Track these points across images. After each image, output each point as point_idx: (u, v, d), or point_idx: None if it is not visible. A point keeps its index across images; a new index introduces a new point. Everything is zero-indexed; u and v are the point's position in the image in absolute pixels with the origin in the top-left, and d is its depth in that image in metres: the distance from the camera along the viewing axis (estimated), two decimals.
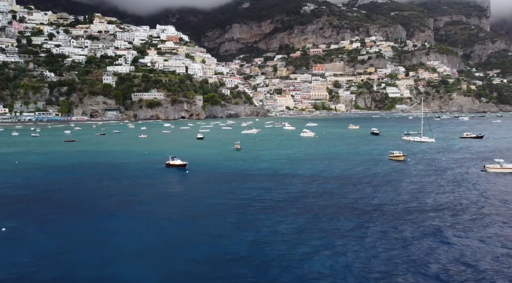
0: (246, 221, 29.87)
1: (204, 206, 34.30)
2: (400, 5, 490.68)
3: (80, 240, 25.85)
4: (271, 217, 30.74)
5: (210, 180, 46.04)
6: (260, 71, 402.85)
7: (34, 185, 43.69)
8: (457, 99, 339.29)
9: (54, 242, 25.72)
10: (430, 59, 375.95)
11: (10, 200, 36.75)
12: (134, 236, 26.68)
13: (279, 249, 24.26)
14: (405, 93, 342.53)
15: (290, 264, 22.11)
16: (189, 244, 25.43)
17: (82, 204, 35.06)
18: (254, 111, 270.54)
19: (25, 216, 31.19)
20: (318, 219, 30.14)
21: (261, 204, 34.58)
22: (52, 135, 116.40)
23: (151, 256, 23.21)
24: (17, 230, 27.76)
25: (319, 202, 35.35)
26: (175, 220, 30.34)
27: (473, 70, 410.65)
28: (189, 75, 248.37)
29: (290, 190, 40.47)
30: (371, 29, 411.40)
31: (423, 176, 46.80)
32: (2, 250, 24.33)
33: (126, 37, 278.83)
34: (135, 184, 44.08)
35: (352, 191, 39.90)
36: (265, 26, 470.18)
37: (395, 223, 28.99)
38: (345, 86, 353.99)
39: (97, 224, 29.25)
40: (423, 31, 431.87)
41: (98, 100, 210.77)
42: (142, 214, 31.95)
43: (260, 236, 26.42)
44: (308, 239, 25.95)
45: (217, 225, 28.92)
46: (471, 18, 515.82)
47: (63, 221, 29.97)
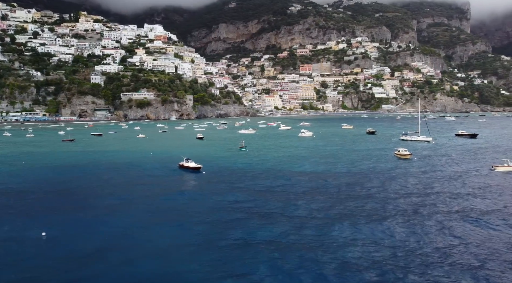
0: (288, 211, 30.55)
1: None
2: (384, 6, 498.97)
3: (130, 241, 26.02)
4: (310, 205, 31.50)
5: (233, 180, 46.37)
6: (248, 71, 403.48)
7: (54, 185, 43.26)
8: (441, 99, 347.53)
9: (102, 242, 25.79)
10: (414, 60, 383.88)
11: (40, 202, 36.42)
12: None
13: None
14: (390, 93, 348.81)
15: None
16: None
17: (122, 206, 35.03)
18: (244, 111, 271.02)
19: (63, 217, 31.08)
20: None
21: (300, 196, 35.28)
22: (47, 135, 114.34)
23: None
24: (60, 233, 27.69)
25: (345, 193, 36.28)
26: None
27: (455, 71, 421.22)
28: (179, 75, 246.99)
29: (312, 185, 41.32)
30: (356, 30, 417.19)
31: (433, 176, 47.86)
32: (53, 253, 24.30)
33: (114, 36, 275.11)
34: (162, 186, 44.09)
35: (369, 184, 40.99)
36: (251, 26, 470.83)
37: (415, 221, 30.04)
38: (332, 86, 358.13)
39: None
40: (407, 33, 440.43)
41: (87, 100, 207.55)
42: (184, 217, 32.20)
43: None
44: (350, 223, 26.81)
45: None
46: (452, 20, 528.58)
47: (108, 222, 29.99)
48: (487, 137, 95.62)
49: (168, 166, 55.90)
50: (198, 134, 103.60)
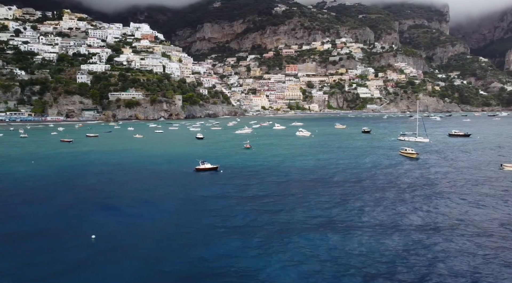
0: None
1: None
2: (367, 8, 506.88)
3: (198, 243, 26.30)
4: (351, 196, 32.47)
5: (254, 177, 46.90)
6: (233, 71, 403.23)
7: (76, 186, 42.84)
8: (424, 99, 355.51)
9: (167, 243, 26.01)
10: (397, 61, 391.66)
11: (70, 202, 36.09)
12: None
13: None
14: (375, 93, 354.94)
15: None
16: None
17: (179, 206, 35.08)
18: (232, 111, 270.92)
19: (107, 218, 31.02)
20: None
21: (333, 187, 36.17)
22: (41, 136, 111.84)
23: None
24: (108, 235, 27.70)
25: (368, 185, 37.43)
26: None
27: (436, 72, 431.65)
28: (167, 75, 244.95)
29: (337, 178, 42.33)
30: (341, 31, 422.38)
31: (444, 175, 49.17)
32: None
33: (99, 34, 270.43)
34: (194, 184, 44.21)
35: (381, 179, 42.29)
36: (237, 26, 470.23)
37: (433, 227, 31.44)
38: (318, 86, 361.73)
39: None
40: (390, 34, 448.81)
41: (74, 100, 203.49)
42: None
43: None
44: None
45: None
46: (432, 22, 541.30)
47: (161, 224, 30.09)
48: (480, 137, 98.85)
49: (185, 165, 55.83)
50: (198, 134, 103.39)
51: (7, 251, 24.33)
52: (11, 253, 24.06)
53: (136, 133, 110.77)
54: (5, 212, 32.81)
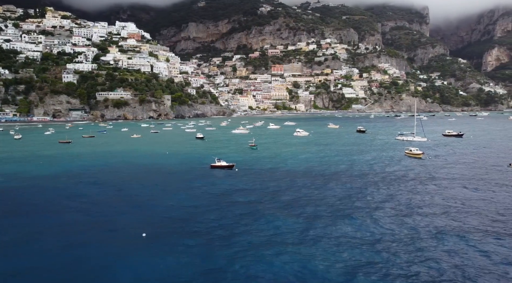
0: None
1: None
2: (351, 9, 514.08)
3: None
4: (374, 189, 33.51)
5: (269, 175, 47.42)
6: (219, 71, 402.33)
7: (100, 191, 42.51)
8: (407, 99, 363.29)
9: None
10: (381, 61, 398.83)
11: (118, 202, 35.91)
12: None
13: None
14: (360, 93, 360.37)
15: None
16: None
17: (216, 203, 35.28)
18: (221, 111, 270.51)
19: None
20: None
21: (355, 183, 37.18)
22: (35, 136, 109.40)
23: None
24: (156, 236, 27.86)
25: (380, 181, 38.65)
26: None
27: (418, 73, 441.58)
28: (155, 74, 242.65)
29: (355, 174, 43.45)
30: (325, 32, 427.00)
31: (454, 175, 50.11)
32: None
33: (84, 33, 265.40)
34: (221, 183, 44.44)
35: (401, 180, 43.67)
36: (222, 25, 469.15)
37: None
38: (304, 86, 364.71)
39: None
40: (373, 35, 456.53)
41: (61, 99, 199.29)
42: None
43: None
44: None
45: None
46: (413, 24, 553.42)
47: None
48: (473, 137, 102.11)
49: (199, 167, 55.95)
50: (198, 134, 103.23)
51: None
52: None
53: (133, 134, 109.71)
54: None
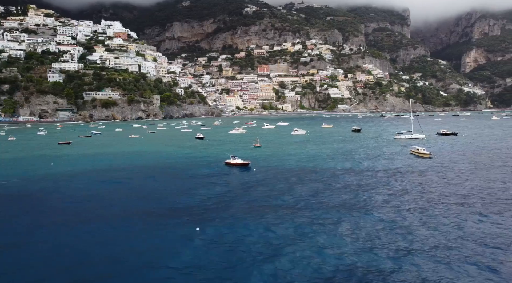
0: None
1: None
2: (334, 10, 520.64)
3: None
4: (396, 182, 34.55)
5: (288, 173, 47.98)
6: (205, 71, 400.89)
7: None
8: (391, 99, 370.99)
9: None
10: (365, 62, 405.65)
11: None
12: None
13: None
14: (345, 94, 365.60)
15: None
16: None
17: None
18: (209, 111, 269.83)
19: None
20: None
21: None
22: (29, 137, 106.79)
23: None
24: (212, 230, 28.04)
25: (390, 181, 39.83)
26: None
27: (400, 74, 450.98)
28: (143, 74, 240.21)
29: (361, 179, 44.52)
30: (311, 33, 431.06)
31: (466, 175, 51.52)
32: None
33: (69, 32, 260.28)
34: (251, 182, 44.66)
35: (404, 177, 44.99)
36: (207, 25, 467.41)
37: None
38: (290, 87, 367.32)
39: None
40: (357, 36, 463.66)
41: (47, 99, 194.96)
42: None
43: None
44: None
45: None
46: (394, 26, 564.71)
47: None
48: (466, 135, 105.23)
49: (214, 165, 56.01)
50: (198, 134, 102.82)
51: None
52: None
53: (131, 134, 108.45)
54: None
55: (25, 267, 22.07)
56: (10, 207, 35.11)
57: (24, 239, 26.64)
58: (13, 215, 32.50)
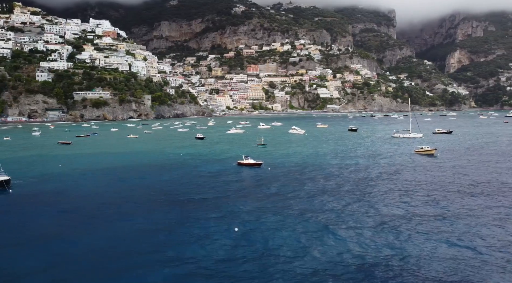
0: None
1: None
2: (322, 11, 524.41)
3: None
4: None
5: (303, 171, 48.58)
6: (194, 70, 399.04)
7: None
8: (378, 99, 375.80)
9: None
10: (353, 62, 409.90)
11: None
12: None
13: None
14: (334, 94, 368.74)
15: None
16: None
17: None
18: (200, 111, 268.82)
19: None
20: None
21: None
22: (24, 137, 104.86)
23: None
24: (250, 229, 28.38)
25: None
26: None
27: (387, 74, 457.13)
28: (133, 74, 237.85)
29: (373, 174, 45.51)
30: (299, 33, 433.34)
31: (477, 172, 52.72)
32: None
33: (56, 30, 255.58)
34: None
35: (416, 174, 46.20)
36: (195, 25, 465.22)
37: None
38: (280, 86, 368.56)
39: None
40: (345, 37, 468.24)
41: (37, 99, 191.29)
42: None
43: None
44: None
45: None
46: (381, 27, 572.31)
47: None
48: (461, 134, 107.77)
49: (227, 166, 56.18)
50: (198, 134, 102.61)
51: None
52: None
53: (130, 134, 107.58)
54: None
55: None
56: (46, 204, 34.81)
57: (91, 230, 27.22)
58: (59, 211, 32.54)
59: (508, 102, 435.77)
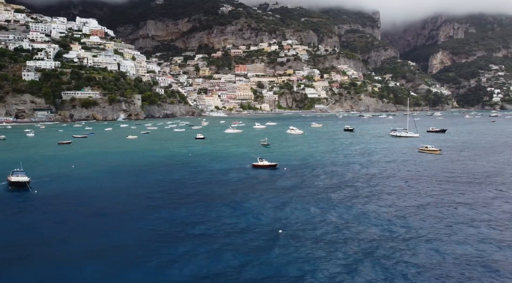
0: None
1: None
2: (309, 11, 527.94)
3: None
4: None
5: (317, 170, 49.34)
6: (181, 70, 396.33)
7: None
8: (365, 100, 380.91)
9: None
10: (340, 63, 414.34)
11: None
12: None
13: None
14: (322, 94, 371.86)
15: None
16: None
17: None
18: (190, 111, 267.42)
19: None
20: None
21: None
22: (18, 139, 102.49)
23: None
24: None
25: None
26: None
27: (373, 74, 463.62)
28: (122, 73, 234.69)
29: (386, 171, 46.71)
30: (286, 33, 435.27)
31: (487, 170, 54.91)
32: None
33: (42, 28, 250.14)
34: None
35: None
36: (182, 24, 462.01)
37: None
38: (268, 86, 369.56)
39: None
40: (331, 37, 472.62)
41: (24, 99, 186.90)
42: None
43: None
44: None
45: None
46: (366, 28, 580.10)
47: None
48: (454, 133, 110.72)
49: (242, 167, 56.29)
50: (198, 134, 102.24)
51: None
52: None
53: (128, 135, 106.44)
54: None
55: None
56: (77, 204, 34.48)
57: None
58: (93, 211, 32.31)
59: (488, 103, 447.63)
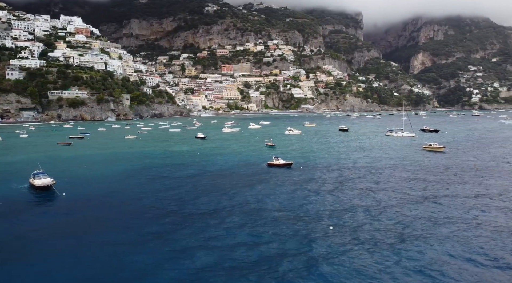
0: None
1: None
2: (293, 12, 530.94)
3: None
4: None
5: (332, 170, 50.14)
6: (167, 70, 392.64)
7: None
8: (350, 99, 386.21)
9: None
10: (325, 63, 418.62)
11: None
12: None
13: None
14: (308, 94, 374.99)
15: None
16: None
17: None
18: (178, 111, 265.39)
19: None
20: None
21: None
22: (13, 139, 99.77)
23: None
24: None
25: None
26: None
27: (357, 74, 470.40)
28: (110, 72, 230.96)
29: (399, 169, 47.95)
30: (272, 33, 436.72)
31: (492, 168, 57.32)
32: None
33: (25, 26, 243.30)
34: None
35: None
36: (166, 23, 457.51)
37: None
38: (255, 86, 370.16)
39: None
40: (316, 38, 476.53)
41: (9, 98, 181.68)
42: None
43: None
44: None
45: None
46: (349, 29, 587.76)
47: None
48: (448, 132, 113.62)
49: (257, 166, 56.58)
50: (199, 134, 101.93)
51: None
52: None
53: (127, 135, 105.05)
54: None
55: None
56: (110, 207, 34.10)
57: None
58: (127, 213, 31.97)
59: (468, 103, 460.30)
